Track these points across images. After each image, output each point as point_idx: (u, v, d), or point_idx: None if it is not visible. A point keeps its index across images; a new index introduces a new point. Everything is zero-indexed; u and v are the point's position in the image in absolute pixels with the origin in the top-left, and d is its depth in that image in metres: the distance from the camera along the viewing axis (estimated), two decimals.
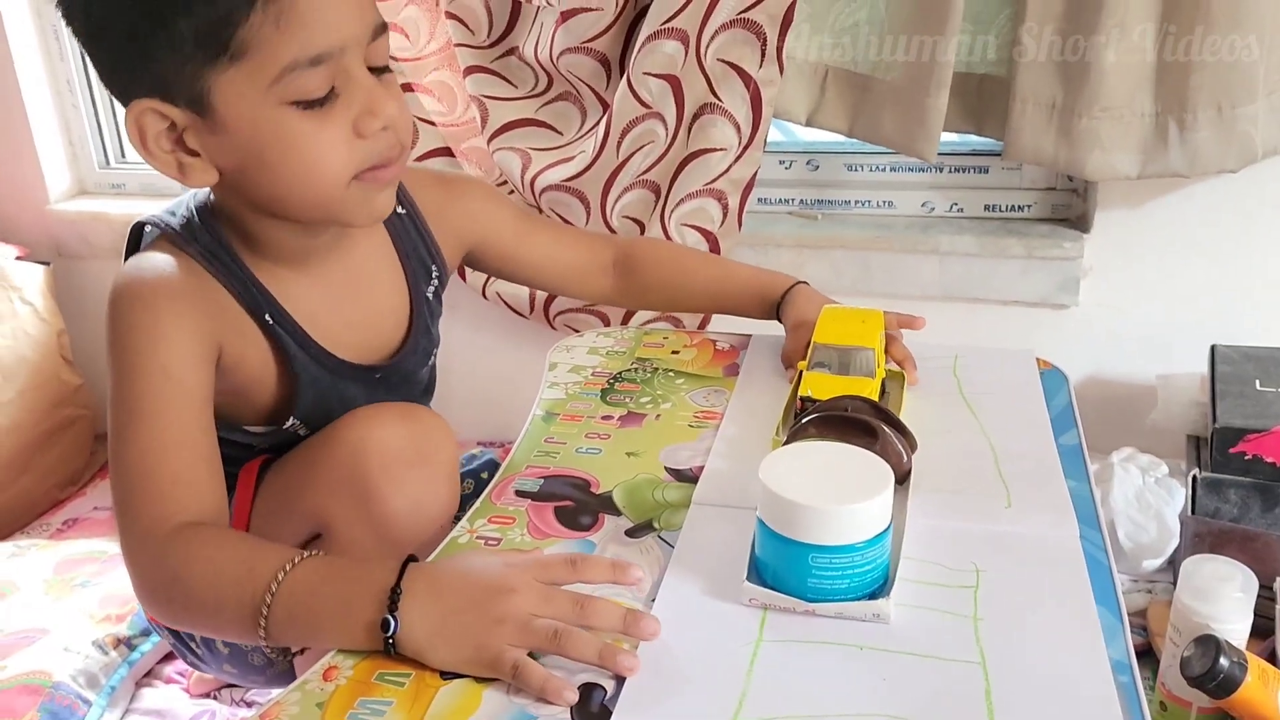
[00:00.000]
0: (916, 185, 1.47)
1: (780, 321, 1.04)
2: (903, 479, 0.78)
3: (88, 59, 0.78)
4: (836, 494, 0.66)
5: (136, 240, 0.86)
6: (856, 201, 1.50)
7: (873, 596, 0.67)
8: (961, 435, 0.90)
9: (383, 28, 0.77)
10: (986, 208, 1.46)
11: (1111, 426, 1.35)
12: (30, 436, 1.53)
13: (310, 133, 0.74)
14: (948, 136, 1.43)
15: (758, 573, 0.70)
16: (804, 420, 0.81)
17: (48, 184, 1.70)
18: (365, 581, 0.68)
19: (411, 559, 0.70)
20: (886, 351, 0.96)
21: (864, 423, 0.79)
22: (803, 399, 0.86)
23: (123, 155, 1.75)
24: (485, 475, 1.09)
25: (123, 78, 0.75)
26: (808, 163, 1.51)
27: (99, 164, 1.75)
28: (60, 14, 0.74)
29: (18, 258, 1.59)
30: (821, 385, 0.87)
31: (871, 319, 0.96)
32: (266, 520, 0.89)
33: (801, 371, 0.90)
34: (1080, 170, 1.26)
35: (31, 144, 1.67)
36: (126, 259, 0.84)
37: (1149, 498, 1.21)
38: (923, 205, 1.48)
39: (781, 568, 0.68)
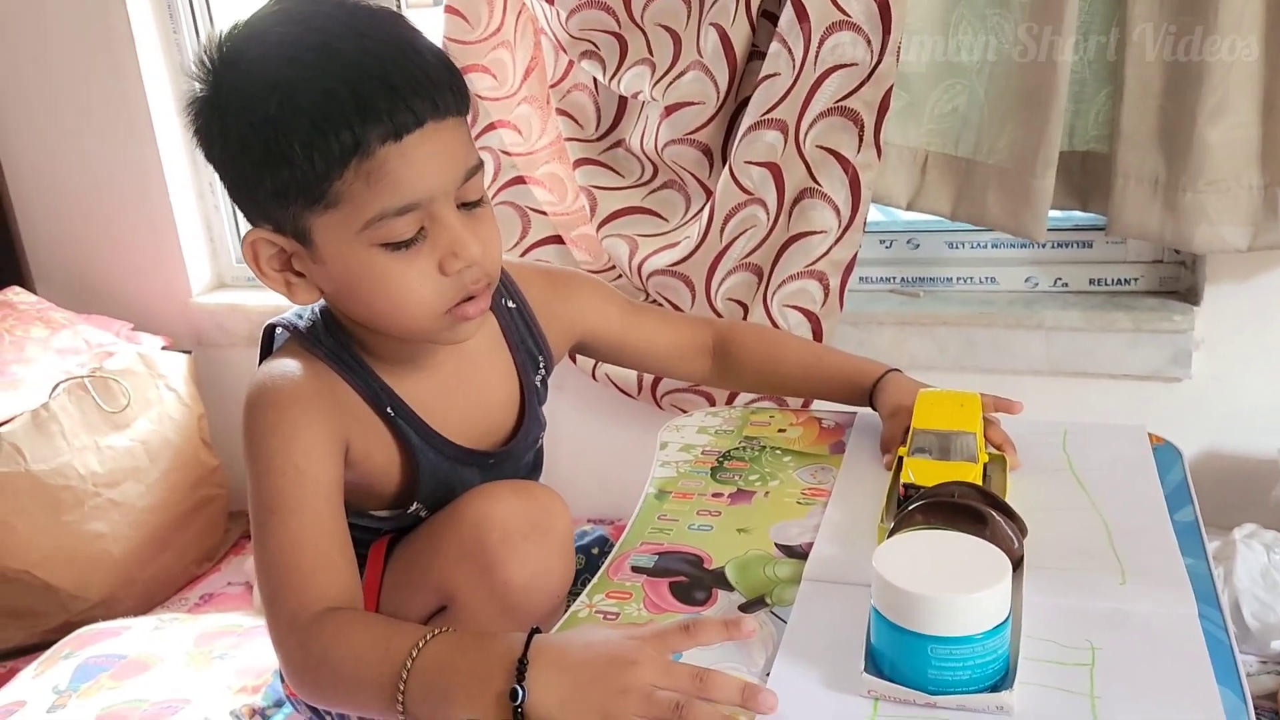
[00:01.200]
0: (1019, 261, 1.48)
1: (874, 409, 1.04)
2: (1015, 564, 0.75)
3: None
4: (955, 583, 0.65)
5: (269, 340, 0.93)
6: (958, 278, 1.51)
7: (994, 688, 0.66)
8: (1072, 511, 0.90)
9: (476, 168, 0.82)
10: (1092, 282, 1.46)
11: (1232, 503, 1.31)
12: (171, 515, 1.63)
13: (397, 272, 0.79)
14: (1051, 213, 1.44)
15: (874, 662, 0.69)
16: (911, 507, 0.80)
17: (190, 278, 1.83)
18: (493, 653, 0.72)
19: (536, 631, 0.73)
20: (985, 435, 0.94)
21: (972, 509, 0.78)
22: (906, 486, 0.86)
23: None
24: (595, 551, 1.12)
25: (243, 204, 0.83)
26: (908, 241, 1.53)
27: (236, 259, 1.87)
28: (202, 149, 0.82)
29: (163, 348, 1.71)
30: (924, 471, 0.86)
31: (969, 403, 0.95)
32: (395, 594, 0.94)
33: (902, 458, 0.90)
34: (1188, 244, 1.25)
35: (177, 242, 1.81)
36: (261, 358, 0.91)
37: (1275, 575, 1.17)
38: (1026, 280, 1.48)
39: (900, 659, 0.67)
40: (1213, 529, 1.02)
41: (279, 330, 0.92)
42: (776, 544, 0.91)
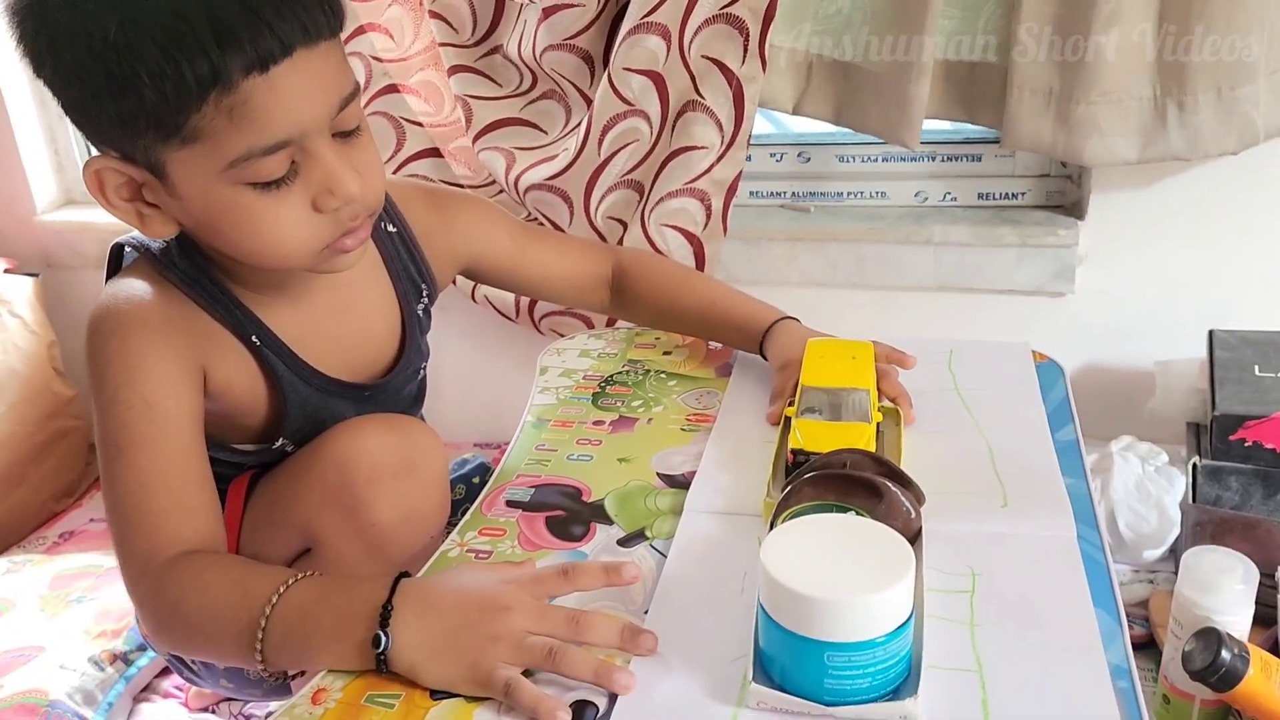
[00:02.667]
0: (909, 175, 1.46)
1: (764, 358, 1.00)
2: (913, 538, 0.70)
3: None
4: (852, 581, 0.58)
5: (116, 260, 0.85)
6: (849, 193, 1.48)
7: (896, 693, 0.60)
8: (957, 433, 0.89)
9: (353, 94, 0.74)
10: (980, 196, 1.44)
11: (1110, 415, 1.34)
12: (24, 450, 1.52)
13: (268, 212, 0.72)
14: (941, 124, 1.42)
15: (764, 670, 0.62)
16: (800, 480, 0.73)
17: (34, 195, 1.69)
18: (357, 599, 0.68)
19: (404, 575, 0.69)
20: (879, 388, 0.88)
21: (866, 480, 0.72)
22: (794, 451, 0.80)
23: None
24: (477, 480, 1.08)
25: (84, 129, 0.73)
26: (799, 155, 1.49)
27: None
28: (29, 66, 0.71)
29: (6, 270, 1.58)
30: (814, 434, 0.80)
31: (861, 354, 0.90)
32: (256, 535, 0.88)
33: (790, 419, 0.84)
34: (1079, 156, 1.24)
35: (17, 155, 1.66)
36: (107, 280, 0.83)
37: (1149, 487, 1.20)
38: (916, 195, 1.46)
39: (792, 666, 0.60)
40: (1092, 441, 1.03)
41: (128, 250, 0.84)
42: (658, 473, 0.88)
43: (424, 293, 0.95)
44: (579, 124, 1.36)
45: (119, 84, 0.66)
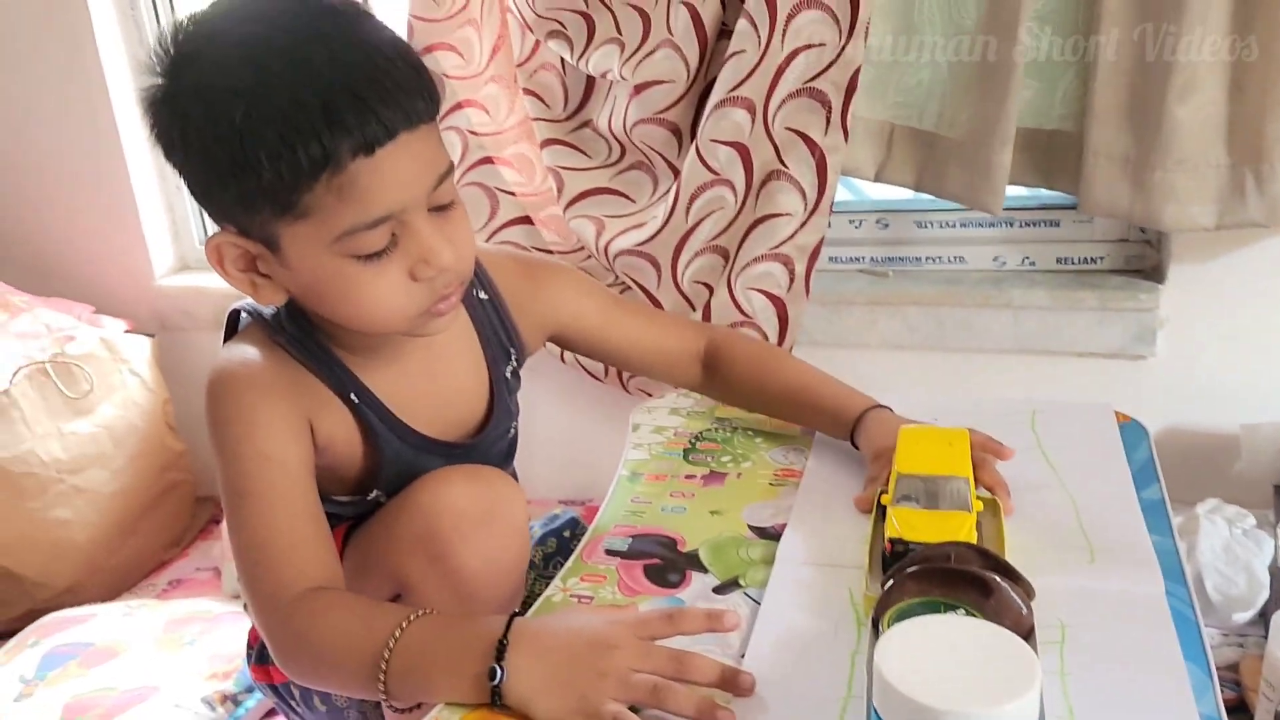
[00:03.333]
0: (987, 240, 1.49)
1: (856, 447, 0.98)
2: (1026, 635, 0.65)
3: None
4: (978, 691, 0.54)
5: (233, 324, 0.92)
6: (927, 258, 1.52)
7: None
8: (1042, 491, 0.91)
9: (447, 172, 0.80)
10: (1059, 261, 1.47)
11: (1196, 478, 1.34)
12: (139, 501, 1.61)
13: (368, 280, 0.78)
14: (1017, 191, 1.45)
15: None
16: (903, 574, 0.70)
17: (153, 261, 1.80)
18: (473, 635, 0.72)
19: (517, 614, 0.73)
20: (976, 477, 0.85)
21: (974, 575, 0.69)
22: (892, 540, 0.77)
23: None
24: (567, 534, 1.12)
25: (207, 207, 0.81)
26: (878, 221, 1.54)
27: (199, 241, 1.85)
28: (162, 151, 0.78)
29: (126, 331, 1.68)
30: (911, 523, 0.78)
31: (957, 441, 0.88)
32: (353, 582, 0.92)
33: (885, 507, 0.81)
34: (1157, 222, 1.26)
35: (139, 223, 1.78)
36: (224, 343, 0.90)
37: (1237, 549, 1.20)
38: (994, 260, 1.49)
39: None
40: (1177, 504, 1.04)
41: (243, 315, 0.91)
42: (749, 525, 0.91)
43: (512, 356, 0.99)
44: (666, 192, 1.43)
45: (241, 166, 0.73)
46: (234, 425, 0.83)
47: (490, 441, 0.98)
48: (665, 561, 0.87)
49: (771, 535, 0.89)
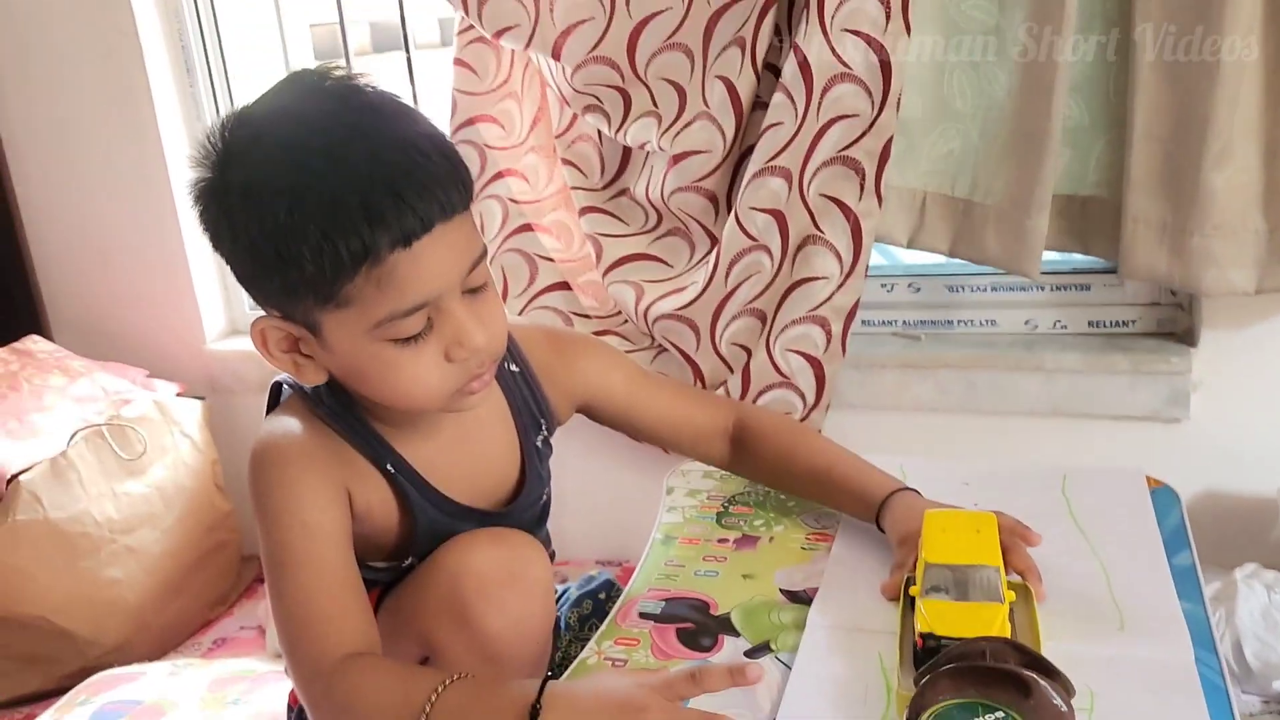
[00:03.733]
0: (1019, 304, 1.51)
1: (880, 529, 0.96)
2: None
3: None
4: None
5: (275, 397, 0.96)
6: (959, 321, 1.54)
7: None
8: (1072, 558, 0.92)
9: (480, 257, 0.83)
10: (1090, 324, 1.48)
11: (1233, 542, 1.33)
12: (187, 559, 1.65)
13: (405, 363, 0.82)
14: (1049, 255, 1.47)
15: None
16: (937, 671, 0.69)
17: (204, 325, 1.87)
18: (507, 699, 0.75)
19: (550, 677, 0.76)
20: (1006, 562, 0.84)
21: (1011, 674, 0.67)
22: (923, 635, 0.76)
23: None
24: (603, 596, 1.13)
25: (252, 294, 0.85)
26: (910, 285, 1.56)
27: (249, 306, 1.91)
28: (209, 241, 0.83)
29: (178, 394, 1.74)
30: (942, 617, 0.76)
31: (985, 526, 0.85)
32: (384, 645, 0.94)
33: (914, 598, 0.80)
34: (1196, 287, 1.27)
35: (192, 290, 1.84)
36: (267, 414, 0.94)
37: (1276, 615, 1.19)
38: (1026, 323, 1.51)
39: None
40: (1214, 569, 1.04)
41: (285, 388, 0.95)
42: (781, 589, 0.93)
43: (543, 427, 1.02)
44: (705, 257, 1.46)
45: (285, 259, 0.77)
46: (276, 495, 0.86)
47: (523, 508, 1.01)
48: (698, 625, 0.89)
49: (803, 599, 0.91)
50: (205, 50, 1.78)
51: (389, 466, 0.91)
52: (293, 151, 0.77)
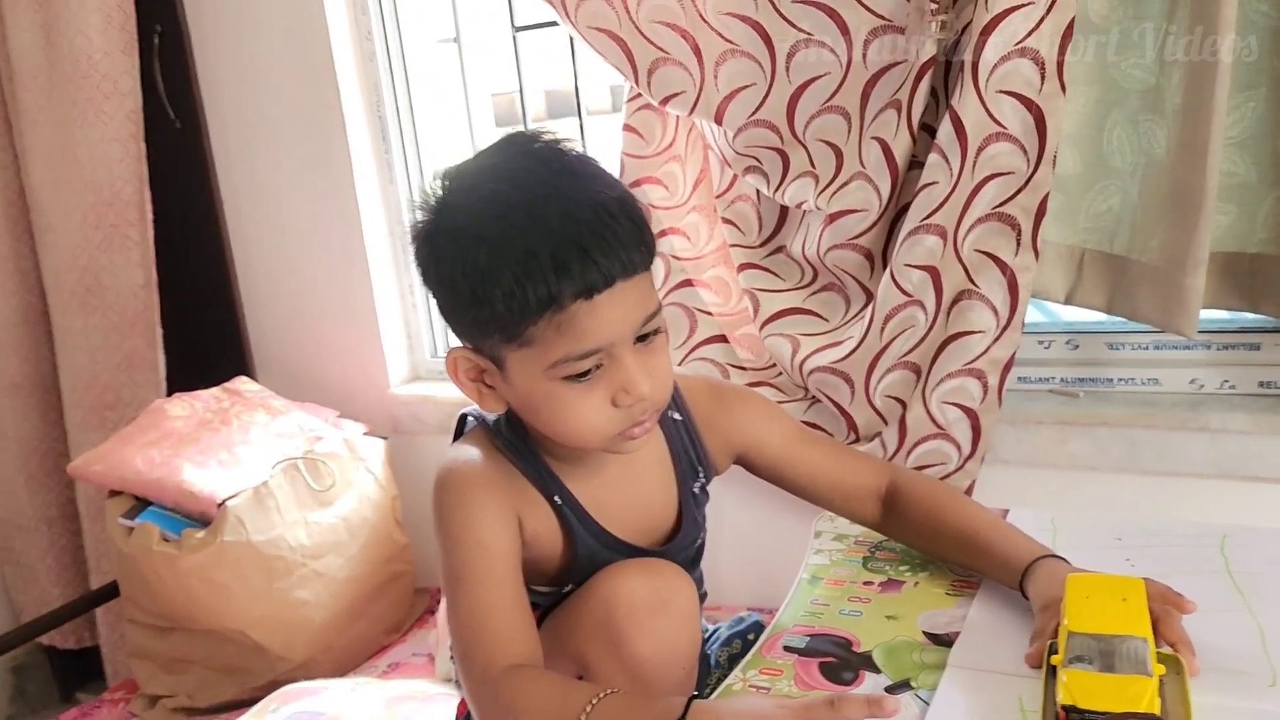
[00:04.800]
0: (1183, 362, 1.48)
1: (1025, 596, 0.95)
2: None
3: None
4: None
5: (461, 426, 1.06)
6: (1120, 379, 1.52)
7: None
8: (1226, 613, 0.91)
9: (655, 313, 0.90)
10: (1261, 385, 1.44)
11: None
12: (366, 588, 1.78)
13: (574, 402, 0.90)
14: (1217, 314, 1.44)
15: None
16: None
17: (390, 371, 2.02)
18: (656, 713, 0.81)
19: (695, 696, 0.81)
20: (1156, 632, 0.81)
21: None
22: (1065, 708, 0.74)
23: (449, 346, 2.06)
24: (752, 637, 1.17)
25: (450, 325, 0.96)
26: (1067, 342, 1.55)
27: (431, 355, 2.06)
28: (420, 274, 0.95)
29: (365, 433, 1.89)
30: (1087, 690, 0.74)
31: (1133, 594, 0.82)
32: (544, 664, 1.03)
33: (1055, 668, 0.78)
34: None
35: (379, 340, 2.00)
36: (452, 442, 1.04)
37: None
38: (1191, 382, 1.48)
39: None
40: None
41: (469, 419, 1.05)
42: (924, 632, 0.95)
43: (700, 474, 1.08)
44: (860, 312, 1.50)
45: (480, 299, 0.87)
46: (458, 516, 0.95)
47: (678, 550, 1.06)
48: (840, 660, 0.92)
49: (945, 642, 0.93)
50: (400, 119, 1.95)
51: (556, 499, 0.99)
52: (496, 204, 0.87)
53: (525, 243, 0.85)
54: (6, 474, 2.21)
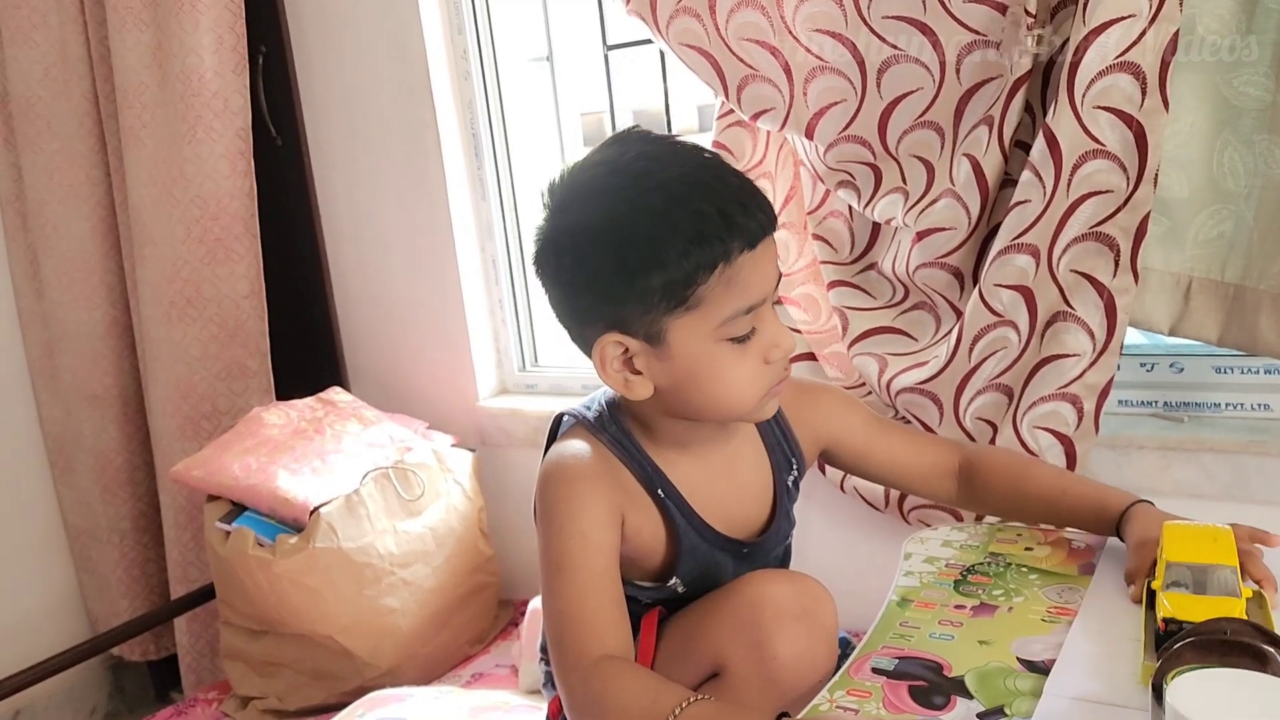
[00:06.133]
0: None
1: (1121, 539, 1.04)
2: None
3: (546, 297, 1.00)
4: None
5: (556, 426, 1.08)
6: (1227, 404, 1.46)
7: None
8: None
9: (780, 276, 0.97)
10: None
11: None
12: (451, 598, 1.80)
13: (735, 363, 0.94)
14: None
15: None
16: (1179, 645, 0.76)
17: (478, 385, 2.05)
18: None
19: (784, 715, 0.80)
20: (1243, 569, 0.90)
21: (1249, 646, 0.73)
22: (1165, 620, 0.83)
23: (536, 361, 2.08)
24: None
25: (584, 317, 0.97)
26: (1171, 365, 1.50)
27: (518, 368, 2.08)
28: (535, 269, 0.98)
29: (453, 445, 1.92)
30: (1183, 606, 0.83)
31: (1222, 536, 0.92)
32: (669, 660, 1.04)
33: (1155, 591, 0.87)
34: None
35: (469, 354, 2.03)
36: (548, 442, 1.06)
37: None
38: None
39: None
40: None
41: (566, 418, 1.07)
42: (1019, 658, 0.92)
43: (793, 466, 1.11)
44: (948, 332, 1.47)
45: (648, 267, 0.90)
46: (562, 507, 0.97)
47: (771, 544, 1.09)
48: (931, 684, 0.90)
49: (1041, 669, 0.90)
50: (493, 137, 1.99)
51: (660, 492, 1.01)
52: (649, 179, 0.91)
53: (692, 205, 0.89)
54: (83, 485, 2.27)
